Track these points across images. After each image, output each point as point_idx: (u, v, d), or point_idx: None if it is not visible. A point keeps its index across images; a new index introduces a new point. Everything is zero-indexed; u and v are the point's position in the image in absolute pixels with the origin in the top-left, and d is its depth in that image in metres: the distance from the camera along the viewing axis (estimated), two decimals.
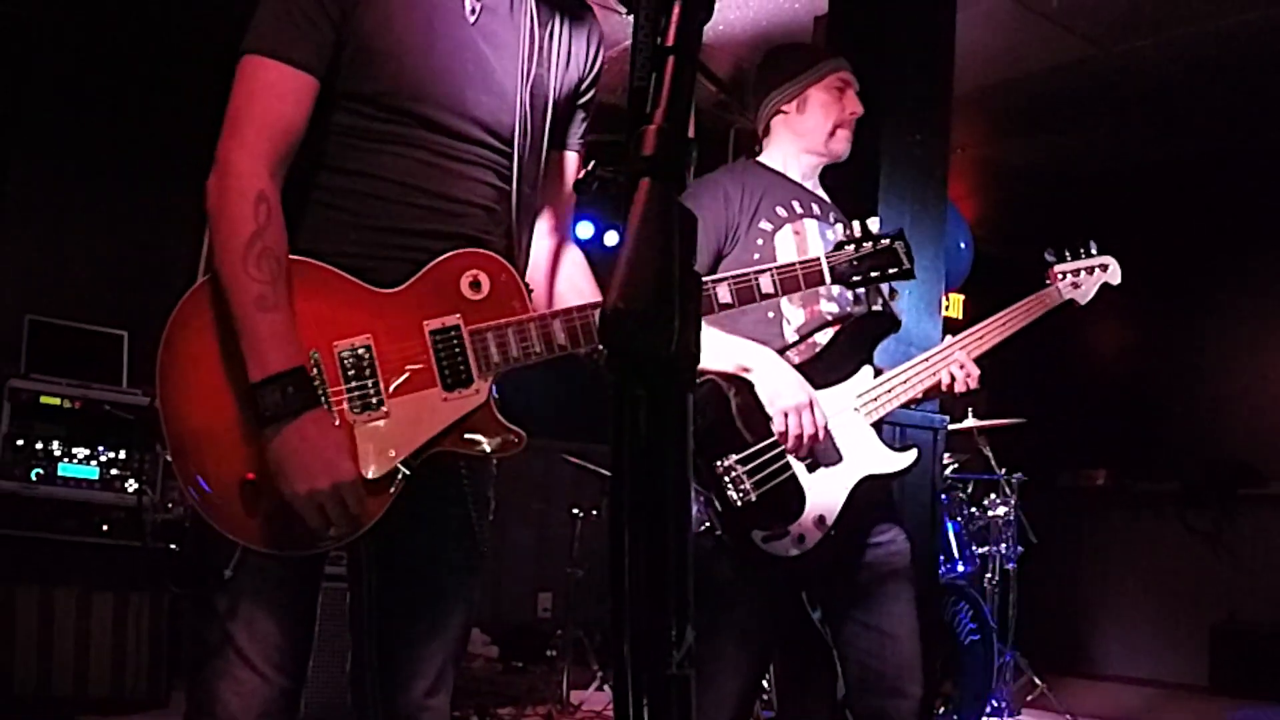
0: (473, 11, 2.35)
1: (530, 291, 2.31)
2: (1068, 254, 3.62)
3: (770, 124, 3.59)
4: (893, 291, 3.11)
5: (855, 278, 2.83)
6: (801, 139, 3.52)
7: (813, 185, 3.57)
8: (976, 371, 3.33)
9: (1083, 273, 3.60)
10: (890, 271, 2.83)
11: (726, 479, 3.07)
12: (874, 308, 3.15)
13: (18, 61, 6.99)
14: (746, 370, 3.14)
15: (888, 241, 2.82)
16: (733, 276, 2.58)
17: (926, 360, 3.32)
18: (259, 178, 2.15)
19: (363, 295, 2.21)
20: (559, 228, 2.63)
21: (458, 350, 2.22)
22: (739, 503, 3.06)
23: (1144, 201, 9.14)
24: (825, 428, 3.13)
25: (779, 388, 3.10)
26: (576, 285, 2.56)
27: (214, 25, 2.29)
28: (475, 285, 2.25)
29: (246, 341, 2.09)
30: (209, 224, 2.16)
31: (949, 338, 3.43)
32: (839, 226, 3.44)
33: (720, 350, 3.15)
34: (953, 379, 3.31)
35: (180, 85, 6.74)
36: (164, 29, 6.99)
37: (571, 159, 2.61)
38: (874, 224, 2.83)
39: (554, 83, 2.45)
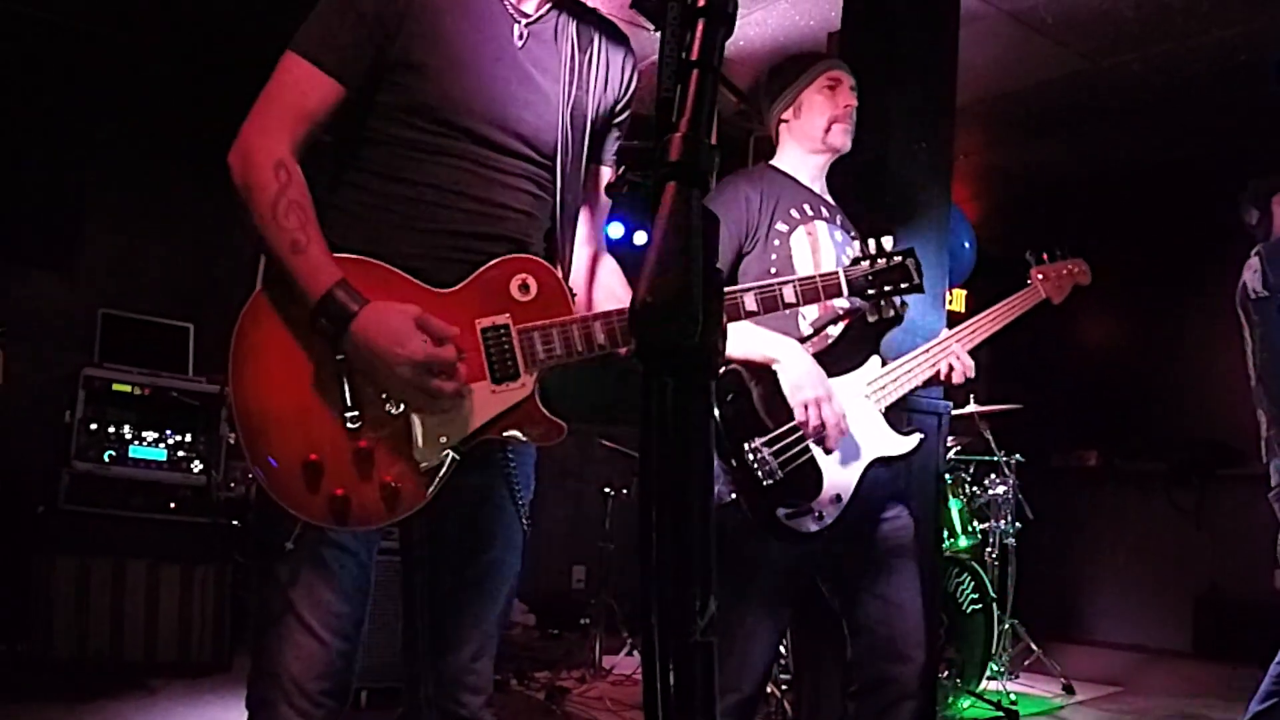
0: (520, 37, 2.38)
1: (573, 295, 2.33)
2: (1045, 256, 3.64)
3: (778, 133, 3.60)
4: (903, 304, 3.12)
5: (870, 290, 2.88)
6: (804, 142, 3.52)
7: (820, 189, 3.56)
8: (970, 362, 3.35)
9: (1057, 274, 3.62)
10: (902, 286, 2.90)
11: (753, 460, 3.07)
12: (885, 316, 3.15)
13: (94, 78, 7.03)
14: (773, 361, 3.15)
15: (900, 259, 2.88)
16: (758, 287, 2.66)
17: (927, 352, 3.33)
18: (274, 151, 2.19)
19: (421, 294, 2.23)
20: (595, 236, 2.63)
21: (506, 347, 2.24)
22: (765, 482, 3.07)
23: (1130, 204, 9.12)
24: (843, 417, 3.14)
25: (801, 381, 3.11)
26: (613, 291, 2.56)
27: (275, 43, 2.30)
28: (524, 288, 2.27)
29: (295, 278, 2.13)
30: (240, 196, 2.19)
31: (945, 330, 3.45)
32: (856, 244, 3.43)
33: (750, 341, 3.16)
34: (950, 369, 3.32)
35: (244, 102, 6.77)
36: (229, 48, 7.00)
37: (606, 172, 2.62)
38: (888, 242, 2.90)
39: (592, 104, 2.48)
